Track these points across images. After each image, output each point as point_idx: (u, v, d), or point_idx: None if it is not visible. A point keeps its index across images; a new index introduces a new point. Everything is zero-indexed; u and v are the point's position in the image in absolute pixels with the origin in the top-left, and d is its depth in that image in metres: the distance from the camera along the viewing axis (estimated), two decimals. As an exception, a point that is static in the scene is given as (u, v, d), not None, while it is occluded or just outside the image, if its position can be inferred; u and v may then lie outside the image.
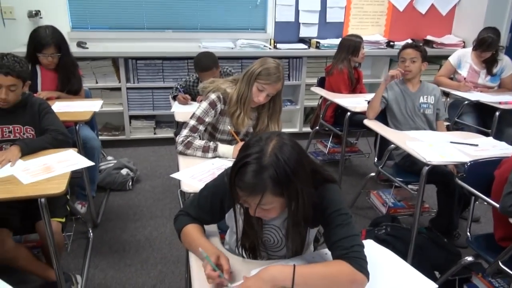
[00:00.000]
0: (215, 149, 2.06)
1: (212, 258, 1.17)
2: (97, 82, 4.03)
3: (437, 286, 1.20)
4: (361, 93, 3.64)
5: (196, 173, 1.86)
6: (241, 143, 1.88)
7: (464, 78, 3.61)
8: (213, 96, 2.11)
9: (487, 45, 3.43)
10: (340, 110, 3.58)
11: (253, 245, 1.37)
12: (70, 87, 2.93)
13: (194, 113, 2.12)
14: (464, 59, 3.65)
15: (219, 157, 2.06)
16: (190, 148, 2.06)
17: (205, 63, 3.02)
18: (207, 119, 2.12)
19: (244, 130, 2.20)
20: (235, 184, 1.14)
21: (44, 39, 2.75)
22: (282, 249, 1.39)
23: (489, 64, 3.57)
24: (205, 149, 2.05)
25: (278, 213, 1.19)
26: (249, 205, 1.16)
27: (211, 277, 1.13)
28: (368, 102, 2.92)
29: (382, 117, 2.85)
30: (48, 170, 1.85)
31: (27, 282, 2.21)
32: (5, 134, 2.09)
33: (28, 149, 2.01)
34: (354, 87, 3.62)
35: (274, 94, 2.09)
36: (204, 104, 2.11)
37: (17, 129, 2.11)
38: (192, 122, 2.10)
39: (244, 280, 1.14)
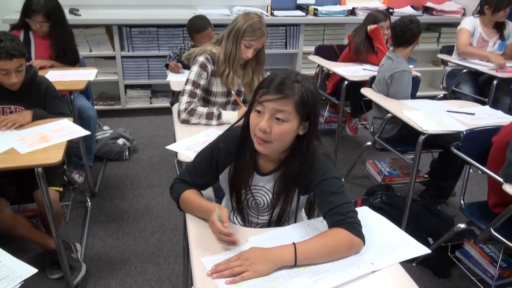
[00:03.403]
0: (219, 116, 2.06)
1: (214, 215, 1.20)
2: (91, 51, 3.96)
3: (430, 251, 1.23)
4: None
5: (191, 144, 1.85)
6: (245, 108, 1.87)
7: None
8: (201, 59, 2.10)
9: (508, 1, 3.25)
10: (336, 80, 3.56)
11: (241, 205, 1.41)
12: (66, 59, 2.88)
13: (187, 79, 2.10)
14: (476, 27, 3.50)
15: (224, 124, 2.06)
16: (194, 115, 2.05)
17: (200, 23, 2.99)
18: (202, 82, 2.10)
19: (235, 89, 2.20)
20: (260, 88, 1.19)
21: (34, 5, 2.69)
22: (269, 213, 1.41)
23: (499, 28, 3.46)
24: (209, 116, 2.05)
25: (283, 137, 1.19)
26: (265, 110, 1.17)
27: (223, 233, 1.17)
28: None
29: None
30: (44, 140, 1.85)
31: (27, 251, 2.24)
32: (6, 115, 2.04)
33: (39, 119, 2.02)
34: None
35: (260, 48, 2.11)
36: (195, 68, 2.10)
37: (19, 111, 2.08)
38: (189, 87, 2.08)
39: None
